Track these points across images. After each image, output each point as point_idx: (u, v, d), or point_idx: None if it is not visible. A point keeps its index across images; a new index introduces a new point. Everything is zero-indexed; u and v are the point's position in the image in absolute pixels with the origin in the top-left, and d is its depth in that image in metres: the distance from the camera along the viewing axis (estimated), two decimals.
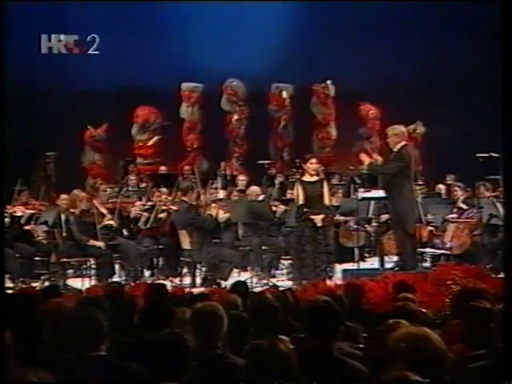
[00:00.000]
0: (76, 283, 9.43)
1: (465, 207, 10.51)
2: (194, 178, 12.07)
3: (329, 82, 15.27)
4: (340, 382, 3.68)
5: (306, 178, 9.35)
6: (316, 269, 9.04)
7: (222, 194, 11.78)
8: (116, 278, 9.68)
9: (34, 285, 9.19)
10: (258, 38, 14.62)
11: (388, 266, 9.70)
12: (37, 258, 9.89)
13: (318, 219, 9.10)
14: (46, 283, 9.18)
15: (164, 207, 10.65)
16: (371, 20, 14.82)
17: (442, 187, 12.41)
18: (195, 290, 8.43)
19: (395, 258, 9.64)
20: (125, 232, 10.66)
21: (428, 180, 12.79)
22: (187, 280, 9.96)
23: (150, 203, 10.98)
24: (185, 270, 10.28)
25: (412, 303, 4.88)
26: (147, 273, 10.44)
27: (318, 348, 3.63)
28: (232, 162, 15.02)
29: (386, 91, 14.54)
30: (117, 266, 10.14)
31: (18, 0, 12.55)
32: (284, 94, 15.30)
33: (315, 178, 9.35)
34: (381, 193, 9.62)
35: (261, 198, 11.01)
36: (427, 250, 10.27)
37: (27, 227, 10.06)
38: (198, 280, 9.84)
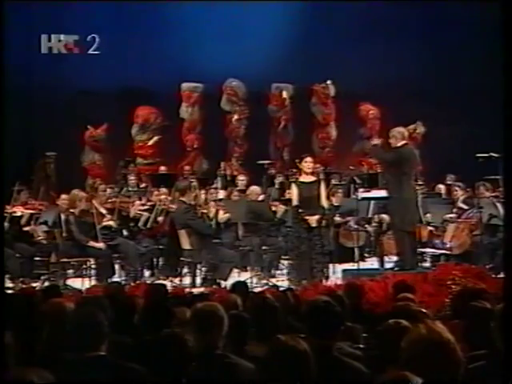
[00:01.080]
0: (76, 283, 9.43)
1: (465, 207, 10.51)
2: (192, 178, 12.08)
3: (329, 82, 15.28)
4: (340, 382, 3.68)
5: (303, 178, 9.33)
6: (312, 269, 9.02)
7: (221, 193, 11.79)
8: (116, 278, 9.68)
9: (34, 285, 9.19)
10: (258, 37, 14.63)
11: (388, 266, 9.71)
12: (37, 258, 9.89)
13: (313, 220, 9.07)
14: (46, 283, 9.17)
15: (164, 207, 10.65)
16: (371, 20, 14.82)
17: (442, 187, 12.41)
18: (195, 290, 8.44)
19: (395, 258, 9.65)
20: (125, 232, 10.66)
21: (428, 180, 12.78)
22: (187, 280, 9.96)
23: (149, 203, 10.98)
24: (185, 270, 10.28)
25: (412, 303, 4.88)
26: (147, 273, 10.44)
27: (318, 348, 3.62)
28: (232, 162, 15.02)
29: (386, 91, 14.54)
30: (117, 266, 10.14)
31: (18, 0, 12.54)
32: (284, 94, 15.31)
33: (312, 179, 9.32)
34: (381, 193, 9.63)
35: (261, 198, 11.01)
36: (427, 249, 10.27)
37: (27, 227, 10.06)
38: (198, 280, 9.84)
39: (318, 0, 14.97)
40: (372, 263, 10.91)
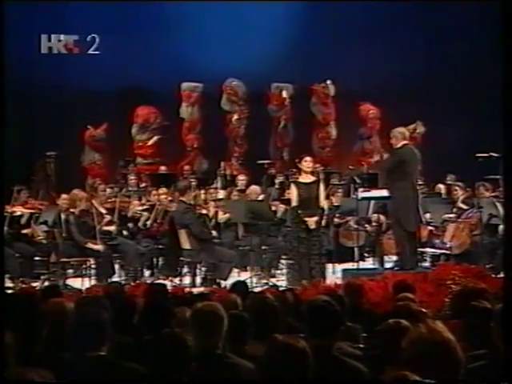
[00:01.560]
0: (76, 283, 9.42)
1: (465, 207, 10.51)
2: (192, 178, 12.08)
3: (329, 81, 15.28)
4: (340, 382, 3.68)
5: (302, 178, 9.31)
6: (310, 270, 9.01)
7: (221, 193, 11.78)
8: (116, 278, 9.68)
9: (34, 285, 9.19)
10: (258, 37, 14.63)
11: (388, 265, 9.70)
12: (37, 258, 9.89)
13: (312, 221, 9.05)
14: (46, 283, 9.17)
15: (163, 207, 10.64)
16: (371, 20, 14.83)
17: (441, 187, 12.41)
18: (195, 290, 8.44)
19: (395, 258, 9.65)
20: (125, 232, 10.66)
21: (428, 180, 12.78)
22: (187, 280, 9.96)
23: (149, 203, 10.98)
24: (185, 270, 10.28)
25: (412, 303, 4.88)
26: (147, 273, 10.44)
27: (318, 348, 3.62)
28: (232, 162, 15.02)
29: (386, 91, 14.54)
30: (117, 266, 10.14)
31: (18, 0, 12.54)
32: (284, 94, 15.31)
33: (311, 179, 9.31)
34: (381, 192, 9.63)
35: (261, 197, 11.01)
36: (427, 249, 10.27)
37: (27, 228, 10.05)
38: (198, 280, 9.85)
39: (318, 0, 14.97)
40: (372, 263, 10.91)
